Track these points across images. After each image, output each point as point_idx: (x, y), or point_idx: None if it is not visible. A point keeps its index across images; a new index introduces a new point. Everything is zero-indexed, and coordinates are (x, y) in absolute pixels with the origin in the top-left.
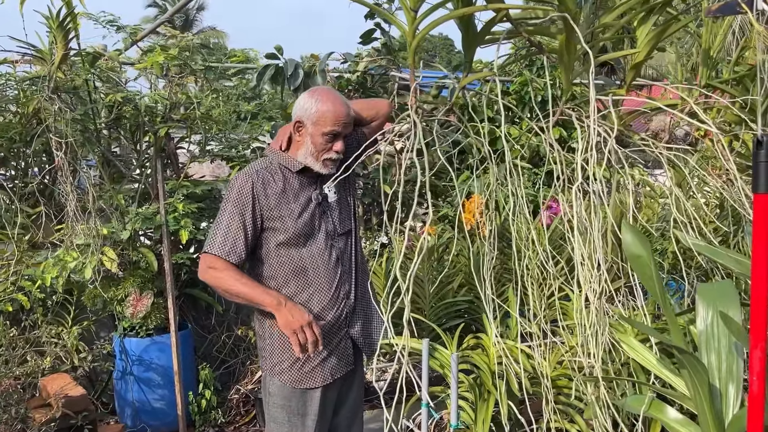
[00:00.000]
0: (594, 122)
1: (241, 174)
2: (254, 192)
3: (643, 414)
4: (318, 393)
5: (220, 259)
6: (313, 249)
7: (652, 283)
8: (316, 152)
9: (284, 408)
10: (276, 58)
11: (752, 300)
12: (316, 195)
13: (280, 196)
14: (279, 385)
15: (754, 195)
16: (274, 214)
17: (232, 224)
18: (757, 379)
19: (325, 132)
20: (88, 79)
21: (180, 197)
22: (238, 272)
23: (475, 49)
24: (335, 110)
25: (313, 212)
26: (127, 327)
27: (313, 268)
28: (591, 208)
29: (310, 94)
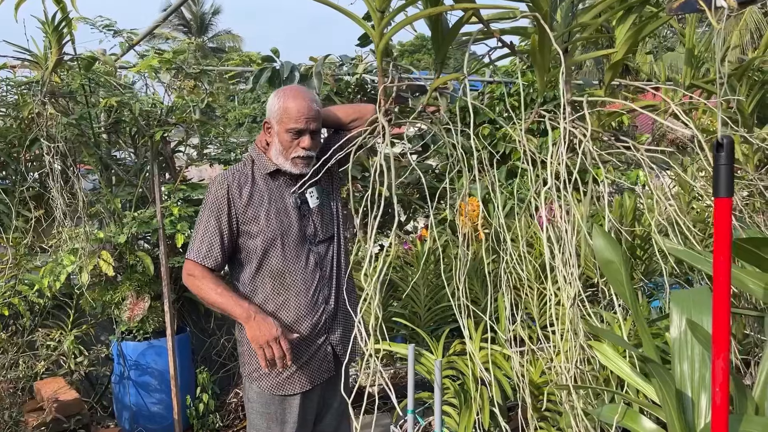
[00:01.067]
0: (567, 124)
1: (218, 178)
2: (230, 196)
3: (617, 424)
4: (297, 399)
5: (197, 265)
6: (289, 252)
7: (623, 290)
8: (284, 151)
9: (263, 415)
10: (272, 60)
11: (714, 308)
12: (295, 199)
13: (255, 198)
14: (258, 392)
15: (714, 199)
16: (249, 217)
17: (209, 228)
18: (720, 390)
19: (288, 129)
20: (84, 83)
21: (176, 201)
22: (215, 281)
23: (445, 50)
24: (297, 106)
25: (290, 215)
26: (125, 330)
27: (289, 272)
28: (562, 212)
29: (275, 94)
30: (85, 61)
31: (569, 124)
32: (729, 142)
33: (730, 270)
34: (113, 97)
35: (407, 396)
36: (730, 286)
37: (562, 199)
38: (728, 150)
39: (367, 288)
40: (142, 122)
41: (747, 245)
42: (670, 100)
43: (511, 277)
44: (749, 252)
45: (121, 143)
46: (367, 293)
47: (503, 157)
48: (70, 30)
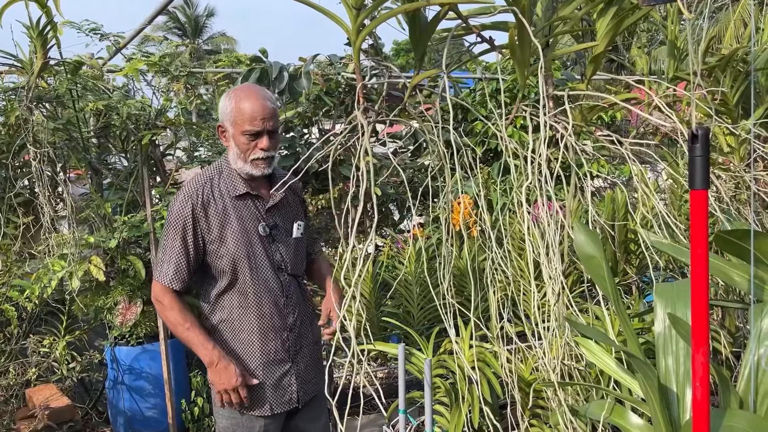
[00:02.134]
0: (549, 118)
1: (181, 193)
2: (194, 213)
3: (604, 420)
4: (261, 421)
5: (166, 291)
6: (254, 274)
7: (606, 284)
8: (242, 153)
9: (229, 419)
10: (261, 61)
11: (693, 301)
12: (264, 227)
13: (221, 218)
14: (224, 411)
15: (690, 191)
16: (214, 236)
17: (174, 249)
18: (701, 385)
19: (244, 131)
20: (71, 87)
21: (167, 204)
22: (182, 313)
23: (424, 46)
24: (252, 107)
25: (256, 238)
26: (118, 336)
27: (254, 293)
28: (546, 208)
29: (226, 95)
30: (72, 65)
31: (551, 119)
32: (704, 133)
33: (707, 262)
34: (100, 101)
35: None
36: (709, 279)
37: (544, 194)
38: (703, 141)
39: (351, 289)
40: (131, 126)
41: (731, 237)
42: (655, 93)
43: (497, 274)
44: (734, 244)
45: (111, 147)
46: (353, 294)
47: (497, 153)
48: (55, 34)
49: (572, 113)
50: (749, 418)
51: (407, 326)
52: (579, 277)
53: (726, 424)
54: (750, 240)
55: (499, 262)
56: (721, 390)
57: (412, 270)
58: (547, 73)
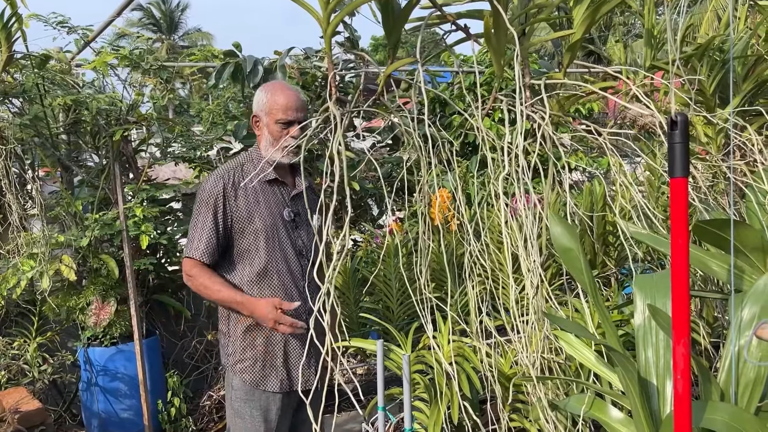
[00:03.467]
0: (525, 108)
1: (213, 174)
2: (225, 192)
3: (584, 414)
4: (278, 397)
5: (195, 265)
6: (278, 255)
7: (583, 277)
8: (275, 141)
9: (247, 402)
10: (235, 55)
11: (673, 291)
12: (288, 212)
13: (250, 198)
14: (240, 383)
15: (670, 179)
16: (242, 215)
17: (206, 225)
18: (682, 377)
19: (278, 120)
20: (38, 82)
21: (140, 201)
22: (211, 278)
23: (397, 34)
24: (286, 98)
25: (281, 221)
26: (91, 336)
27: (277, 273)
28: (524, 200)
29: (262, 88)
30: (38, 59)
31: (528, 108)
32: (683, 119)
33: (688, 251)
34: (69, 96)
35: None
36: (689, 268)
37: (521, 186)
38: (682, 128)
39: (325, 286)
40: (101, 122)
41: (710, 227)
42: (633, 83)
43: (475, 267)
44: (712, 234)
45: (81, 144)
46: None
47: (475, 147)
48: (20, 27)
49: (549, 103)
50: (731, 411)
51: (387, 322)
52: (558, 270)
53: (707, 417)
54: (729, 229)
55: (477, 256)
56: (701, 382)
57: (391, 265)
58: (524, 62)
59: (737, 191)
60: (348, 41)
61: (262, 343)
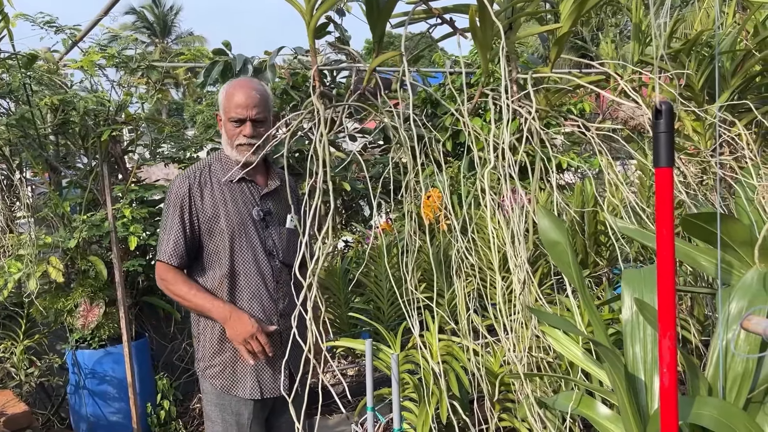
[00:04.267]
0: (512, 102)
1: (179, 176)
2: (191, 193)
3: (572, 411)
4: (250, 405)
5: (169, 269)
6: (246, 256)
7: (570, 271)
8: (230, 140)
9: (218, 406)
10: (224, 54)
11: (659, 283)
12: (258, 211)
13: (216, 198)
14: (210, 388)
15: (655, 169)
16: (209, 216)
17: (173, 227)
18: (668, 371)
19: (230, 118)
20: (25, 82)
21: (128, 202)
22: (187, 283)
23: (382, 27)
24: (238, 96)
25: (249, 221)
26: (80, 339)
27: (245, 274)
28: (510, 194)
29: (223, 86)
30: (25, 58)
31: (515, 103)
32: (668, 108)
33: (673, 242)
34: (56, 96)
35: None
36: (675, 259)
37: (507, 180)
38: (667, 117)
39: (308, 279)
40: (89, 122)
41: (697, 221)
42: (620, 78)
43: (463, 264)
44: (700, 228)
45: (69, 144)
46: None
47: (467, 148)
48: (7, 26)
49: (536, 97)
50: (719, 405)
51: (377, 322)
52: (549, 269)
53: (695, 412)
54: (716, 224)
55: (464, 253)
56: (689, 377)
57: (382, 265)
58: (511, 56)
59: (726, 187)
60: (338, 41)
61: (232, 348)
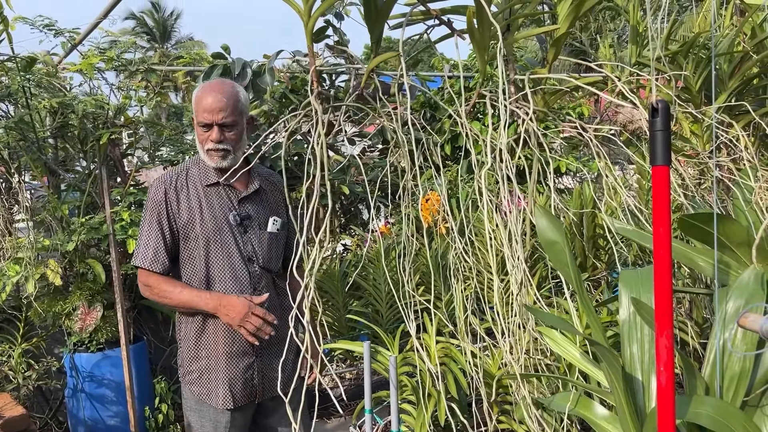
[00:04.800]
0: (510, 103)
1: (155, 181)
2: (167, 198)
3: (569, 412)
4: (227, 413)
5: (150, 274)
6: (222, 261)
7: (568, 270)
8: (200, 144)
9: (196, 412)
10: (223, 57)
11: (656, 281)
12: (234, 215)
13: (192, 202)
14: (189, 394)
15: (651, 168)
16: (184, 220)
17: (152, 232)
18: (665, 369)
19: (198, 122)
20: (24, 84)
21: (126, 205)
22: (171, 282)
23: (380, 28)
24: (206, 100)
25: (225, 226)
26: (78, 342)
27: (220, 280)
28: (507, 194)
29: (195, 89)
30: (24, 61)
31: (512, 104)
32: (664, 106)
33: (670, 240)
34: (54, 99)
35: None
36: (672, 258)
37: (504, 180)
38: (664, 115)
39: (305, 279)
40: (88, 125)
41: (695, 222)
42: (618, 80)
43: (461, 265)
44: (698, 229)
45: (68, 148)
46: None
47: (466, 152)
48: (6, 29)
49: (534, 99)
50: (716, 404)
51: (376, 325)
52: (548, 273)
53: (692, 411)
54: (714, 224)
55: (461, 253)
56: (686, 376)
57: (380, 268)
58: (508, 58)
59: (724, 189)
60: (337, 45)
61: (207, 355)
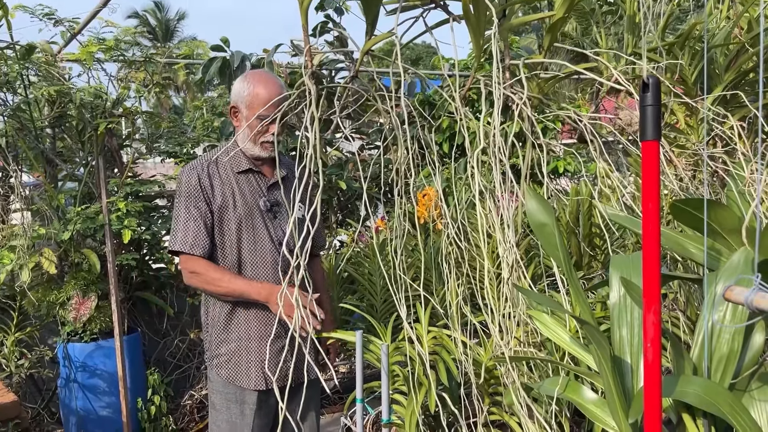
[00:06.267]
0: (505, 89)
1: (187, 167)
2: (201, 183)
3: (559, 396)
4: (254, 395)
5: (196, 260)
6: (255, 246)
7: (558, 253)
8: (253, 136)
9: (222, 394)
10: (222, 50)
11: (644, 258)
12: (264, 201)
13: (225, 189)
14: (216, 377)
15: (641, 143)
16: (218, 206)
17: (189, 217)
18: (652, 346)
19: (259, 115)
20: (22, 72)
21: (122, 195)
22: (219, 269)
23: (375, 10)
24: (268, 92)
25: (257, 212)
26: (71, 332)
27: (252, 265)
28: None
29: (243, 78)
30: (23, 49)
31: (507, 89)
32: (655, 81)
33: (659, 216)
34: (53, 87)
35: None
36: (660, 235)
37: (497, 165)
38: (654, 90)
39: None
40: (86, 115)
41: (687, 207)
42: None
43: (452, 250)
44: (689, 215)
45: (66, 137)
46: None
47: (463, 149)
48: (5, 16)
49: (529, 85)
50: (703, 384)
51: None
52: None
53: (680, 390)
54: (706, 210)
55: (453, 238)
56: (674, 357)
57: (375, 263)
58: (504, 43)
59: (718, 181)
60: (337, 40)
61: (237, 338)
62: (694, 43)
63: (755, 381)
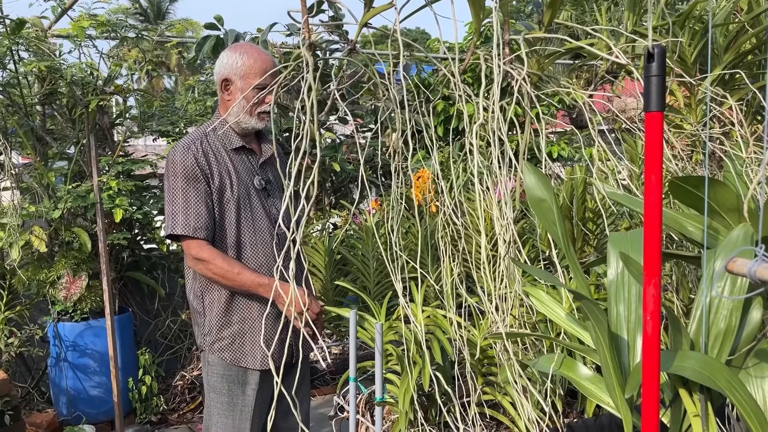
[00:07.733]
0: (504, 64)
1: (179, 146)
2: (198, 163)
3: (554, 372)
4: (256, 375)
5: (202, 246)
6: (253, 225)
7: (555, 229)
8: (250, 107)
9: (224, 377)
10: (216, 29)
11: (645, 230)
12: (259, 180)
13: (221, 168)
14: (218, 361)
15: (645, 114)
16: (216, 186)
17: (190, 197)
18: (651, 319)
19: (256, 85)
20: (12, 47)
21: (114, 174)
22: (226, 260)
23: None
24: (263, 61)
25: (253, 190)
26: (62, 311)
27: (251, 244)
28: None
29: (232, 50)
30: (13, 24)
31: (506, 65)
32: (660, 51)
33: (661, 189)
34: (42, 62)
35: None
36: (662, 207)
37: (496, 140)
38: (659, 60)
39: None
40: (77, 92)
41: (685, 185)
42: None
43: (448, 228)
44: (688, 193)
45: (57, 115)
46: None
47: (458, 132)
48: None
49: (528, 61)
50: (700, 359)
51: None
52: (537, 254)
53: (677, 364)
54: (704, 188)
55: (450, 215)
56: (672, 332)
57: (369, 244)
58: (504, 18)
59: (715, 162)
60: (332, 20)
61: (239, 320)
62: (694, 23)
63: (752, 358)
